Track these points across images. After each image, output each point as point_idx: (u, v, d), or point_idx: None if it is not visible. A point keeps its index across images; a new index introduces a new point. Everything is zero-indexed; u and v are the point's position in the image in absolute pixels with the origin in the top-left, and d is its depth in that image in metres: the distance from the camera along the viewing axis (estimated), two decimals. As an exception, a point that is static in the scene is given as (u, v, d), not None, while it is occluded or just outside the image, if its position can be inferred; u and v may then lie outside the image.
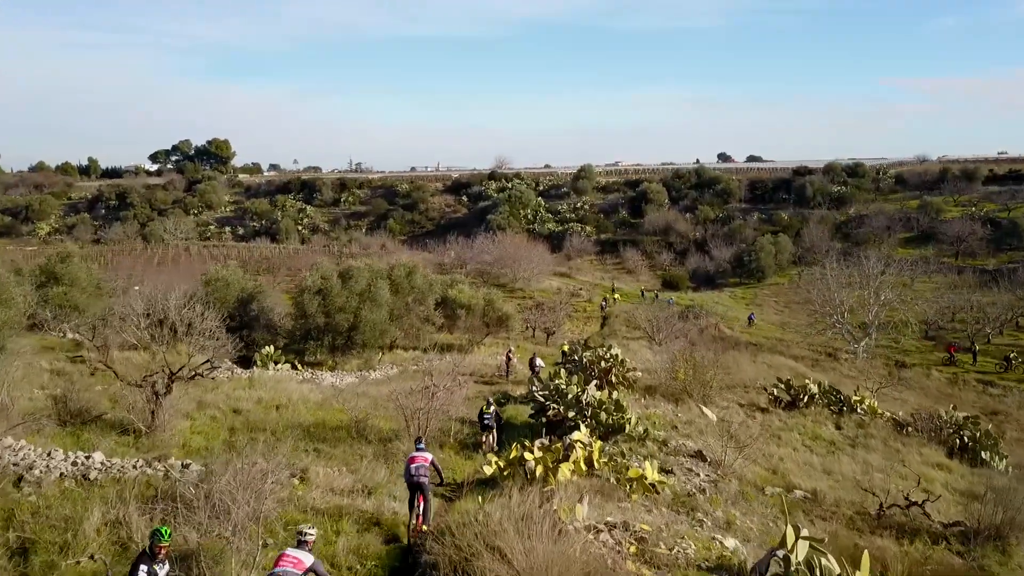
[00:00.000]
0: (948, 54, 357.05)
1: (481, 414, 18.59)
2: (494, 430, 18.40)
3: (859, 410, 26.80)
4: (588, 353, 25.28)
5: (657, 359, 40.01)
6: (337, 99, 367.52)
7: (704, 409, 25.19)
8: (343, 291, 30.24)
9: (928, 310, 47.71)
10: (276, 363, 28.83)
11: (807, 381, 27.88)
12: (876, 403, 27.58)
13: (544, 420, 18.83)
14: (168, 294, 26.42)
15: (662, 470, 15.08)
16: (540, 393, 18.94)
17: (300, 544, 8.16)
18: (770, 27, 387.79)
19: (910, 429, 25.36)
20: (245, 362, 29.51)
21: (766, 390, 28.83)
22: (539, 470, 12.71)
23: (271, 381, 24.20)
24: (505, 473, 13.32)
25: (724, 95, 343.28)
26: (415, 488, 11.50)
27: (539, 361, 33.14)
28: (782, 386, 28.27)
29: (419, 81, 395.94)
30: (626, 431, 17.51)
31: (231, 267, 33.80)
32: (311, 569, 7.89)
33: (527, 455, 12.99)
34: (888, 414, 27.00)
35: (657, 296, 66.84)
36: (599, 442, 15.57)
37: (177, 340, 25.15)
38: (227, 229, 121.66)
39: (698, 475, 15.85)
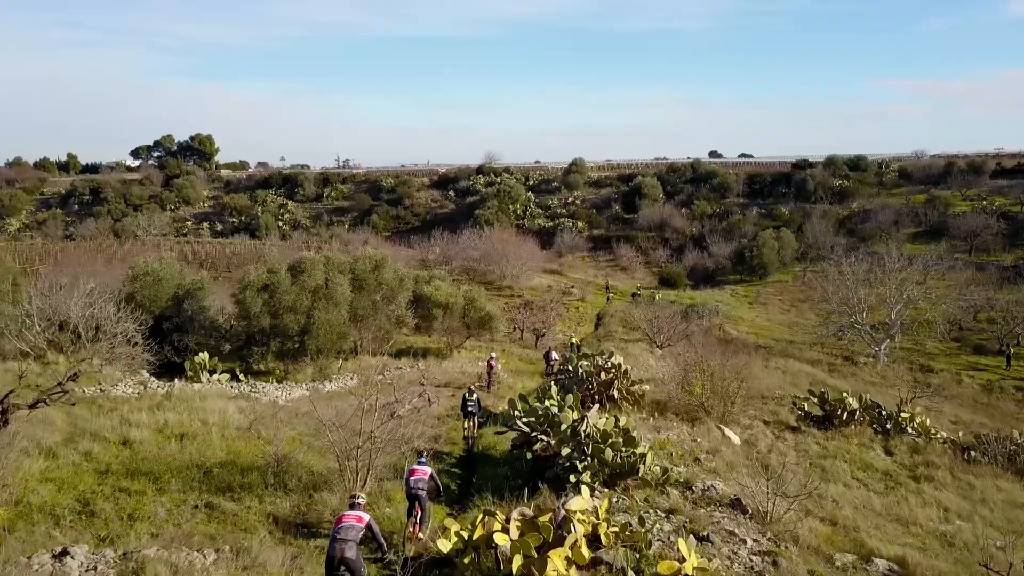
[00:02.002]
0: (937, 56, 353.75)
1: (464, 401, 19.62)
2: (476, 416, 19.42)
3: (909, 430, 22.36)
4: (585, 362, 20.72)
5: (660, 365, 35.62)
6: (328, 99, 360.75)
7: (726, 431, 20.70)
8: (293, 287, 25.53)
9: (955, 309, 43.37)
10: (213, 373, 24.14)
11: (844, 394, 23.41)
12: (928, 421, 23.11)
13: (529, 455, 14.26)
14: (71, 291, 21.62)
15: (696, 537, 10.52)
16: (524, 420, 14.33)
17: (353, 507, 9.21)
18: (760, 28, 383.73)
19: (974, 454, 20.93)
20: (179, 371, 24.78)
21: (795, 404, 24.35)
22: (517, 561, 8.14)
23: (195, 398, 19.52)
24: (467, 560, 8.74)
25: (715, 95, 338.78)
26: (413, 499, 11.90)
27: (555, 355, 31.47)
28: (814, 400, 23.81)
29: (411, 81, 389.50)
30: (639, 473, 12.95)
31: (166, 260, 28.97)
32: (368, 525, 8.96)
33: (498, 536, 8.42)
34: (944, 435, 22.56)
35: (654, 295, 62.38)
36: (607, 495, 11.02)
37: (80, 347, 20.46)
38: (204, 225, 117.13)
39: (744, 541, 11.30)
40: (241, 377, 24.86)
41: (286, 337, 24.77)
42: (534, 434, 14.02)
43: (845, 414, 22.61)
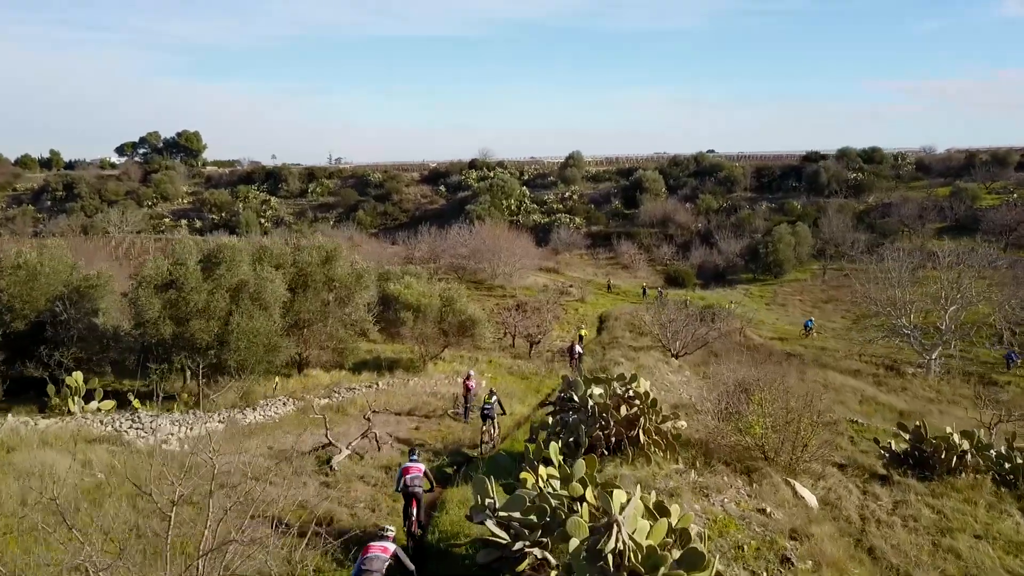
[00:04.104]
0: (933, 57, 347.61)
1: (483, 403, 18.83)
2: (495, 420, 18.51)
3: (1044, 480, 16.18)
4: (598, 390, 14.46)
5: (680, 380, 29.51)
6: (324, 99, 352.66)
7: (797, 487, 14.51)
8: (206, 284, 19.25)
9: (1020, 311, 37.13)
10: (92, 400, 17.89)
11: (949, 431, 17.19)
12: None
13: (511, 578, 7.99)
14: None
15: None
16: (502, 517, 8.08)
17: (382, 538, 9.18)
18: (756, 28, 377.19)
19: None
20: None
21: (878, 443, 18.19)
22: None
23: (30, 443, 13.26)
24: None
25: (710, 95, 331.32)
26: (409, 496, 12.07)
27: (579, 348, 30.46)
28: (904, 436, 17.62)
29: (406, 81, 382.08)
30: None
31: (50, 249, 22.45)
32: (395, 555, 8.90)
33: None
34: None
35: (660, 293, 56.41)
36: None
37: None
38: (183, 222, 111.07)
39: None
40: (136, 404, 18.59)
41: (194, 350, 18.53)
42: (519, 545, 7.77)
43: (953, 458, 16.41)
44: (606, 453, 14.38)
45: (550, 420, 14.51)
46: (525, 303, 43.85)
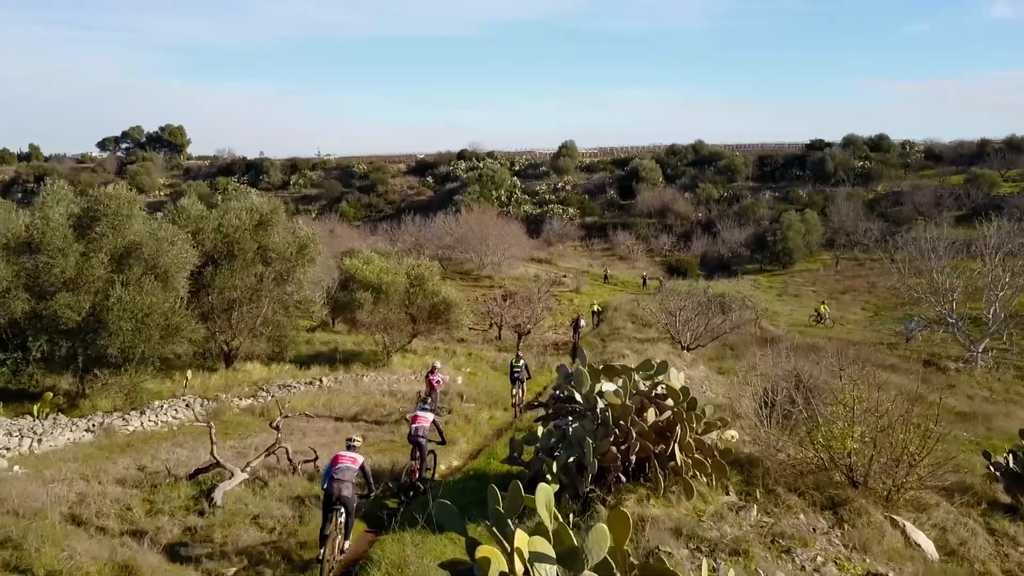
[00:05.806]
0: (926, 58, 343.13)
1: (511, 367, 18.24)
2: (523, 383, 18.09)
3: None
4: (611, 387, 9.66)
5: (699, 375, 24.82)
6: (319, 98, 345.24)
7: (908, 528, 9.75)
8: (78, 246, 14.33)
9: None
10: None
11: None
12: None
13: None
14: None
15: None
16: None
17: (350, 448, 9.54)
18: (750, 29, 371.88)
19: None
20: None
21: (987, 457, 13.45)
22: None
23: None
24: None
25: (704, 96, 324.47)
26: (415, 445, 11.98)
27: (583, 323, 30.87)
28: (1028, 448, 12.89)
29: (403, 81, 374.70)
30: None
31: None
32: (362, 467, 9.34)
33: None
34: None
35: (662, 284, 51.82)
36: None
37: None
38: (158, 215, 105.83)
39: None
40: (-17, 407, 13.69)
41: (57, 333, 13.60)
42: None
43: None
44: (623, 479, 9.60)
45: (540, 430, 9.70)
46: (514, 292, 39.13)
